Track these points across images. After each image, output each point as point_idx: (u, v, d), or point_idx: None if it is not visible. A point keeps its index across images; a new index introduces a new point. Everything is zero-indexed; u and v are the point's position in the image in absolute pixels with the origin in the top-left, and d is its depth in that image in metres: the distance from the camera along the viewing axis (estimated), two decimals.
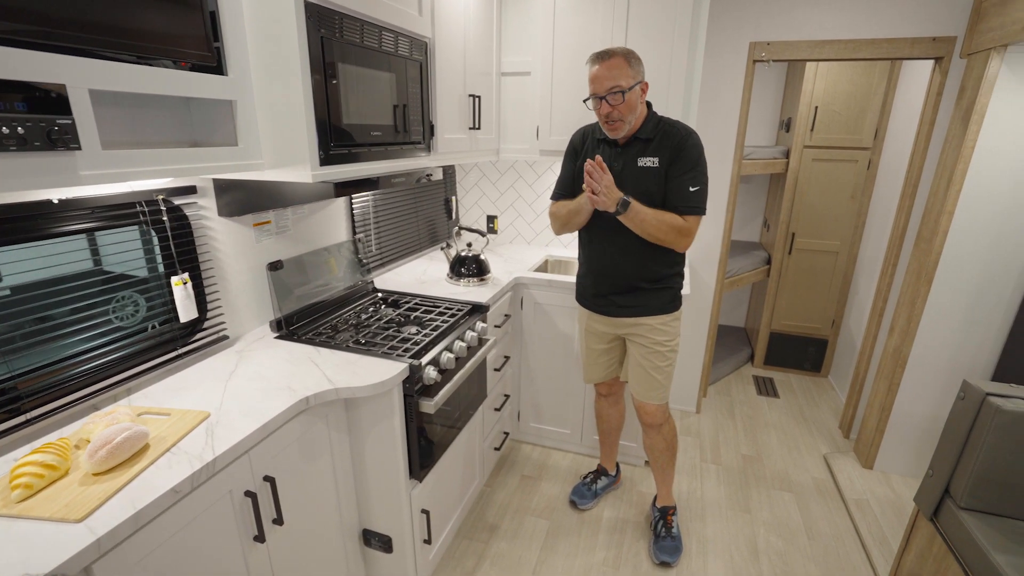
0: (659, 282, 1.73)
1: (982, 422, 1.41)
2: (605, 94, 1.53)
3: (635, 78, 1.55)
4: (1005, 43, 1.79)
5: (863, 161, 2.99)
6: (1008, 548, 1.31)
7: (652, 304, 1.75)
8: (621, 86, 1.52)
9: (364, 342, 1.57)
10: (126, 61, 0.96)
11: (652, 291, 1.74)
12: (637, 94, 1.57)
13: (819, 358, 3.37)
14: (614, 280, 1.76)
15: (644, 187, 1.61)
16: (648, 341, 1.78)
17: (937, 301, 2.13)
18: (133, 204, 1.24)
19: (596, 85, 1.55)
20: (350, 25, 1.33)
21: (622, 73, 1.52)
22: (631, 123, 1.60)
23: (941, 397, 2.22)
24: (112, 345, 1.24)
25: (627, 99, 1.54)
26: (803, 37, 2.26)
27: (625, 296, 1.76)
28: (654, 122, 1.63)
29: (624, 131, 1.61)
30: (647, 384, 1.83)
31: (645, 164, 1.62)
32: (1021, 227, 1.97)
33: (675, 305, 1.78)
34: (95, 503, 0.87)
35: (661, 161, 1.60)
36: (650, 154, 1.61)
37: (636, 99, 1.57)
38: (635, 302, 1.76)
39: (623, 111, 1.56)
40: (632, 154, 1.64)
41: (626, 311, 1.78)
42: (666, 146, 1.60)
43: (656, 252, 1.66)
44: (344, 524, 1.50)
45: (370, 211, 2.21)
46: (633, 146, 1.65)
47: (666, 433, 1.91)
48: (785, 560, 1.91)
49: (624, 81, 1.52)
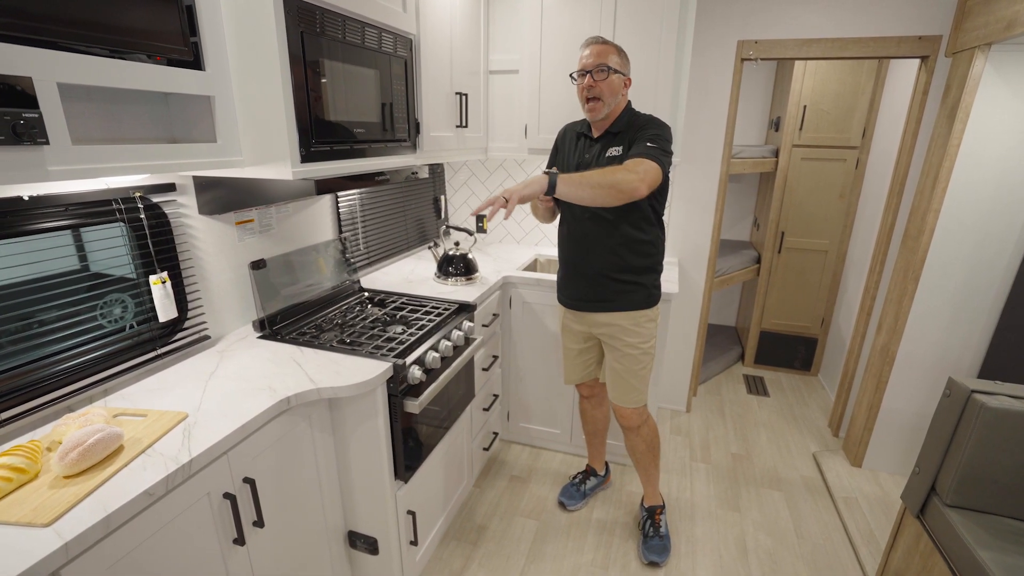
0: (631, 274, 1.70)
1: (967, 419, 1.42)
2: (592, 68, 1.57)
3: (622, 68, 1.61)
4: (989, 42, 1.80)
5: (851, 160, 3.01)
6: (993, 545, 1.31)
7: (622, 300, 1.73)
8: (609, 64, 1.57)
9: (349, 342, 1.55)
10: (98, 55, 0.94)
11: (623, 284, 1.71)
12: (620, 81, 1.61)
13: (809, 357, 3.38)
14: (584, 271, 1.75)
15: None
16: (620, 343, 1.76)
17: (924, 299, 2.14)
18: (109, 201, 1.22)
19: (585, 62, 1.60)
20: (331, 21, 1.32)
21: (611, 58, 1.58)
22: (610, 106, 1.61)
23: (928, 395, 2.22)
24: (88, 345, 1.22)
25: (611, 79, 1.57)
26: (790, 36, 2.27)
27: (595, 289, 1.74)
28: (628, 117, 1.66)
29: (602, 113, 1.61)
30: (622, 388, 1.81)
31: (612, 154, 1.64)
32: (1006, 226, 1.98)
33: (648, 302, 1.74)
34: (65, 507, 0.85)
35: (624, 148, 1.62)
36: (616, 144, 1.64)
37: (619, 85, 1.60)
38: (605, 296, 1.73)
39: (604, 89, 1.58)
40: (603, 146, 1.67)
41: (596, 306, 1.76)
42: (630, 133, 1.63)
43: (627, 241, 1.64)
44: (329, 526, 1.48)
45: (357, 210, 2.19)
46: (604, 139, 1.68)
47: (645, 434, 1.89)
48: (774, 559, 1.91)
49: (612, 62, 1.58)
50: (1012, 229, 1.98)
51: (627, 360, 1.77)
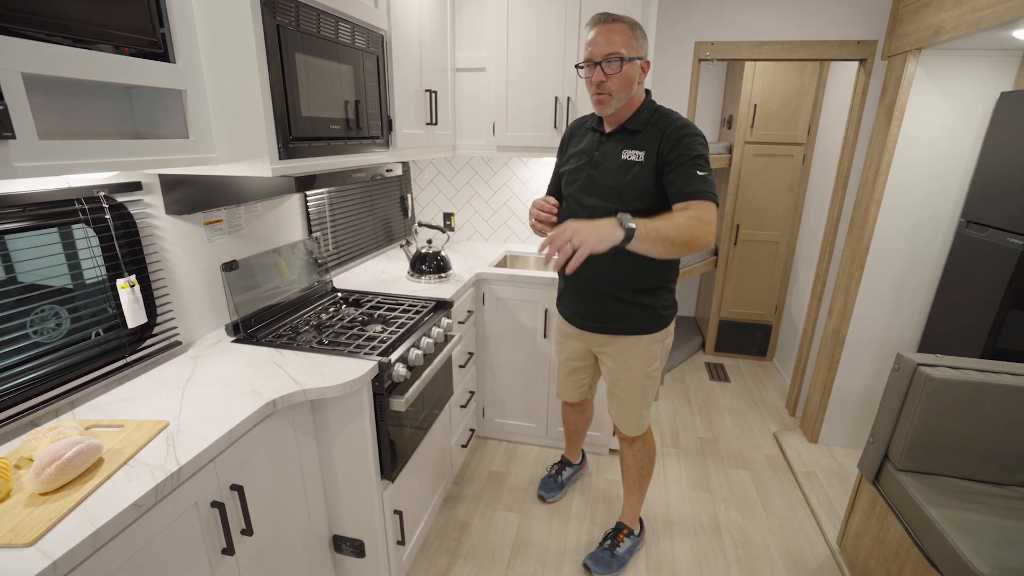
0: (638, 294, 1.51)
1: (915, 390, 1.55)
2: (601, 60, 1.33)
3: (638, 51, 1.36)
4: (919, 47, 1.97)
5: (798, 156, 3.20)
6: (941, 502, 1.44)
7: (626, 324, 1.55)
8: (621, 53, 1.32)
9: (328, 342, 1.52)
10: (61, 43, 0.89)
11: (628, 306, 1.53)
12: (636, 70, 1.36)
13: (765, 343, 3.57)
14: (585, 288, 1.57)
15: (623, 184, 1.41)
16: (621, 368, 1.60)
17: (869, 284, 2.31)
18: (71, 201, 1.14)
19: (592, 49, 1.35)
20: (306, 14, 1.29)
21: (624, 41, 1.33)
22: (621, 101, 1.40)
23: (875, 372, 2.40)
24: (48, 356, 1.14)
25: (624, 71, 1.34)
26: (743, 38, 2.39)
27: (597, 309, 1.57)
28: (648, 112, 1.42)
29: (611, 108, 1.40)
30: (624, 414, 1.69)
31: (629, 158, 1.41)
32: (937, 214, 2.17)
33: (656, 325, 1.55)
34: (46, 524, 0.80)
35: (648, 156, 1.38)
36: (636, 147, 1.40)
37: (634, 75, 1.36)
38: (607, 317, 1.56)
39: (616, 84, 1.35)
40: (615, 144, 1.45)
41: (597, 326, 1.60)
42: (655, 138, 1.38)
43: (635, 256, 1.26)
44: (313, 531, 1.45)
45: (326, 209, 2.14)
46: (618, 136, 1.45)
47: (637, 450, 1.77)
48: (745, 533, 2.01)
49: (625, 49, 1.33)
50: (943, 216, 2.17)
51: (629, 385, 1.62)
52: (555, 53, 2.17)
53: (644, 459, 1.80)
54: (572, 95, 2.20)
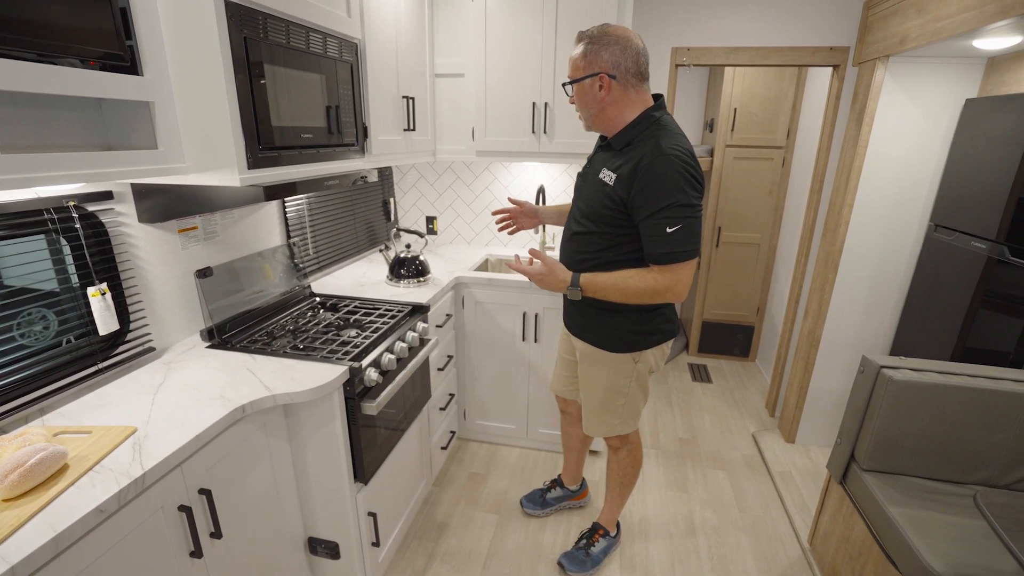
0: (606, 315, 1.49)
1: (878, 392, 1.58)
2: (565, 83, 1.41)
3: (586, 69, 1.33)
4: (887, 54, 2.01)
5: (778, 159, 3.24)
6: (901, 501, 1.48)
7: (592, 335, 1.55)
8: (569, 77, 1.39)
9: (303, 347, 1.55)
10: (25, 59, 0.91)
11: (596, 322, 1.52)
12: (588, 89, 1.35)
13: (747, 344, 3.61)
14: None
15: (594, 206, 1.41)
16: (589, 375, 1.62)
17: (843, 287, 2.35)
18: (40, 211, 1.16)
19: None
20: (275, 26, 1.31)
21: (573, 62, 1.37)
22: (593, 119, 1.41)
23: (848, 373, 2.44)
24: (18, 364, 1.16)
25: (577, 92, 1.38)
26: (720, 43, 2.43)
27: (572, 311, 1.60)
28: (638, 129, 1.35)
29: (588, 126, 1.44)
30: (587, 417, 1.70)
31: (603, 178, 1.38)
32: (908, 218, 2.22)
33: (627, 347, 1.50)
34: (7, 530, 0.82)
35: (619, 182, 1.32)
36: (613, 167, 1.36)
37: (592, 92, 1.35)
38: (579, 322, 1.59)
39: (578, 103, 1.40)
40: (600, 162, 1.44)
41: (572, 328, 1.65)
42: (633, 161, 1.29)
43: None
44: (288, 533, 1.47)
45: (305, 214, 2.16)
46: (605, 152, 1.44)
47: (622, 458, 1.78)
48: (719, 533, 2.05)
49: (572, 71, 1.38)
50: (913, 220, 2.22)
51: (591, 391, 1.64)
52: (533, 59, 2.20)
53: (628, 467, 1.80)
54: (549, 101, 2.23)
